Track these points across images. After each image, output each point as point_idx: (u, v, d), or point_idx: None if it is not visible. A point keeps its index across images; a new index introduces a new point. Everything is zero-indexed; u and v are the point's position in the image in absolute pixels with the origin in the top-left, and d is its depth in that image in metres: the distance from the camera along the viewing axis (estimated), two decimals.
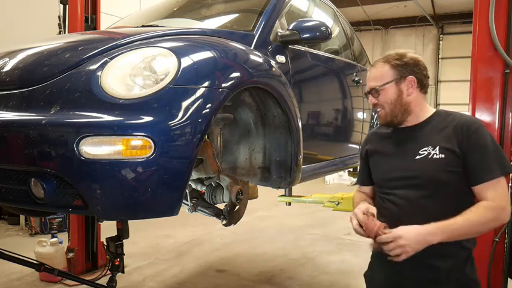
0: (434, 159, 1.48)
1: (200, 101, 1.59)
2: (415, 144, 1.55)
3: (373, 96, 1.62)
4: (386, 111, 1.60)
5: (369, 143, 1.76)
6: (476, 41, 2.43)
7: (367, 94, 1.65)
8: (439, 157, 1.48)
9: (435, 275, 1.50)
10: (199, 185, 2.19)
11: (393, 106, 1.58)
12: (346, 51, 3.55)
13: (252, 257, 4.39)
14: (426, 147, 1.51)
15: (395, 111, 1.59)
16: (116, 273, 2.39)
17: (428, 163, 1.49)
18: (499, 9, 2.35)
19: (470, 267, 1.54)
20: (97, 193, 1.47)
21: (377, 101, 1.61)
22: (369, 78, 1.65)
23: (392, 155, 1.63)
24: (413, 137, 1.58)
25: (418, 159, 1.51)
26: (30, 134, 1.51)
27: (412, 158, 1.53)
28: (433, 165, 1.48)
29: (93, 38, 2.08)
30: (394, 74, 1.58)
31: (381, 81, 1.59)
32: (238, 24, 2.54)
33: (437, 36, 14.26)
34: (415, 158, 1.52)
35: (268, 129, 2.24)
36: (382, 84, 1.58)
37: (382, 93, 1.59)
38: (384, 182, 1.64)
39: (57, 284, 3.57)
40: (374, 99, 1.62)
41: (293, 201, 3.44)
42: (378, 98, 1.60)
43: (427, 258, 1.46)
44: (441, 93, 14.42)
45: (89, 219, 3.86)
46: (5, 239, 4.88)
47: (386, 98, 1.59)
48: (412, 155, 1.53)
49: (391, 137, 1.67)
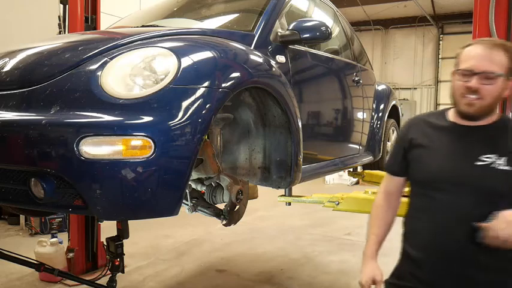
0: (499, 170, 1.34)
1: (200, 101, 1.59)
2: (477, 148, 1.38)
3: (479, 81, 1.33)
4: (485, 104, 1.35)
5: (415, 131, 1.52)
6: None
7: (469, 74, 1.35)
8: (504, 169, 1.33)
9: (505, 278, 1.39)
10: (199, 185, 2.19)
11: (493, 101, 1.37)
12: (346, 51, 3.55)
13: (252, 257, 4.39)
14: (491, 155, 1.35)
15: (492, 107, 1.38)
16: (116, 273, 2.39)
17: (490, 173, 1.34)
18: (499, 9, 2.35)
19: None
20: (97, 193, 1.47)
21: (480, 88, 1.33)
22: (478, 56, 1.35)
23: (445, 153, 1.43)
24: (476, 138, 1.40)
25: (479, 166, 1.35)
26: (30, 134, 1.51)
27: (471, 163, 1.37)
28: (496, 176, 1.34)
29: (93, 38, 2.08)
30: (508, 68, 1.35)
31: (498, 69, 1.34)
32: (238, 24, 2.55)
33: (437, 36, 14.25)
34: (474, 163, 1.36)
35: (268, 129, 2.24)
36: (500, 73, 1.33)
37: (492, 82, 1.33)
38: (428, 181, 1.45)
39: (57, 284, 3.57)
40: (478, 84, 1.33)
41: (293, 201, 3.43)
42: (485, 86, 1.33)
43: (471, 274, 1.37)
44: (441, 93, 14.41)
45: (89, 219, 3.85)
46: (5, 239, 4.87)
47: (493, 90, 1.34)
48: (472, 159, 1.37)
49: (448, 131, 1.46)
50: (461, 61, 1.40)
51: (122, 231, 2.17)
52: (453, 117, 1.48)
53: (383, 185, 1.67)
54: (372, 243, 1.59)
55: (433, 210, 1.43)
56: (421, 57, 14.27)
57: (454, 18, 13.51)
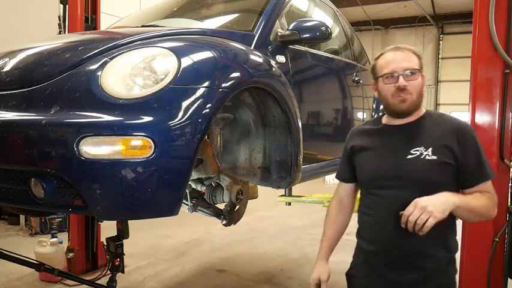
0: (426, 160, 1.47)
1: (200, 101, 1.59)
2: (407, 143, 1.52)
3: (405, 79, 1.49)
4: (413, 99, 1.51)
5: (355, 139, 1.69)
6: (476, 41, 2.43)
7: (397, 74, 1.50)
8: (431, 158, 1.46)
9: (417, 276, 1.50)
10: (199, 185, 2.19)
11: (419, 95, 1.52)
12: (346, 51, 3.55)
13: (252, 257, 4.39)
14: (418, 148, 1.49)
15: (418, 101, 1.53)
16: (116, 273, 2.39)
17: (419, 164, 1.47)
18: (499, 9, 2.35)
19: (453, 269, 1.56)
20: (97, 193, 1.47)
21: (407, 85, 1.49)
22: (397, 59, 1.52)
23: (381, 152, 1.58)
24: (405, 135, 1.54)
25: (409, 159, 1.49)
26: (30, 134, 1.51)
27: (403, 157, 1.50)
28: (425, 166, 1.47)
29: (93, 38, 2.08)
30: (420, 64, 1.53)
31: (416, 66, 1.51)
32: (238, 24, 2.54)
33: (437, 36, 14.26)
34: (406, 157, 1.49)
35: (268, 129, 2.24)
36: (418, 68, 1.51)
37: (415, 78, 1.50)
38: (371, 180, 1.60)
39: (57, 284, 3.57)
40: (405, 81, 1.49)
41: (293, 201, 3.44)
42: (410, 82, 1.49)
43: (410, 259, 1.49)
44: (441, 93, 14.43)
45: (89, 219, 3.85)
46: (5, 239, 4.88)
47: (417, 85, 1.51)
48: (403, 154, 1.50)
49: (381, 133, 1.61)
50: (381, 69, 1.55)
51: (122, 231, 2.16)
52: (385, 120, 1.64)
53: (336, 191, 1.83)
54: (323, 245, 1.76)
55: (378, 206, 1.56)
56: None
57: (454, 18, 13.53)
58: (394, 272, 1.52)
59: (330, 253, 1.76)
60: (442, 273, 1.52)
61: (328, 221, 1.79)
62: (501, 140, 2.38)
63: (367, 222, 1.62)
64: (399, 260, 1.51)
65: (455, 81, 13.54)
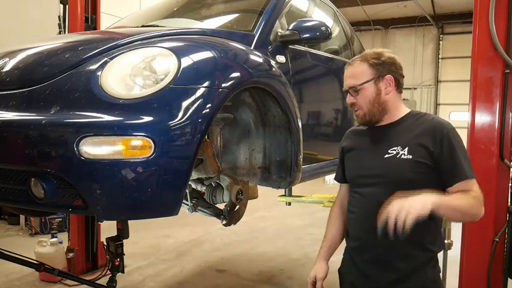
0: (402, 159, 1.50)
1: (200, 101, 1.59)
2: (386, 143, 1.56)
3: (351, 95, 1.60)
4: (365, 111, 1.59)
5: (346, 140, 1.76)
6: (476, 41, 2.43)
7: (346, 92, 1.63)
8: (406, 158, 1.49)
9: (396, 276, 1.52)
10: (199, 185, 2.19)
11: (371, 106, 1.58)
12: (346, 51, 3.55)
13: (252, 257, 4.39)
14: (395, 147, 1.53)
15: (373, 111, 1.59)
16: (116, 273, 2.38)
17: (395, 163, 1.51)
18: (499, 9, 2.35)
19: (433, 269, 1.56)
20: (97, 193, 1.47)
21: (355, 100, 1.59)
22: (346, 76, 1.63)
23: (364, 153, 1.64)
24: (385, 135, 1.59)
25: (386, 158, 1.53)
26: (30, 134, 1.51)
27: (381, 157, 1.54)
28: (400, 165, 1.50)
29: (93, 38, 2.08)
30: (372, 72, 1.57)
31: (360, 80, 1.58)
32: (238, 24, 2.54)
33: (437, 36, 14.24)
34: (383, 156, 1.54)
35: (268, 129, 2.24)
36: (362, 82, 1.57)
37: (361, 92, 1.57)
38: (354, 179, 1.66)
39: (57, 284, 3.57)
40: (352, 98, 1.59)
41: (293, 201, 3.43)
42: (356, 97, 1.59)
43: (390, 260, 1.53)
44: (441, 93, 14.40)
45: (89, 219, 3.85)
46: (5, 239, 4.88)
47: (365, 98, 1.57)
48: (382, 154, 1.55)
49: (366, 134, 1.67)
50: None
51: (122, 231, 2.16)
52: None
53: (338, 193, 1.86)
54: (323, 245, 1.80)
55: (359, 203, 1.61)
56: (421, 57, 14.26)
57: (454, 18, 13.51)
58: (373, 270, 1.57)
59: (330, 253, 1.79)
60: (420, 273, 1.52)
61: (329, 222, 1.82)
62: (501, 140, 2.38)
63: (351, 220, 1.67)
64: (377, 257, 1.55)
65: (455, 81, 13.52)
